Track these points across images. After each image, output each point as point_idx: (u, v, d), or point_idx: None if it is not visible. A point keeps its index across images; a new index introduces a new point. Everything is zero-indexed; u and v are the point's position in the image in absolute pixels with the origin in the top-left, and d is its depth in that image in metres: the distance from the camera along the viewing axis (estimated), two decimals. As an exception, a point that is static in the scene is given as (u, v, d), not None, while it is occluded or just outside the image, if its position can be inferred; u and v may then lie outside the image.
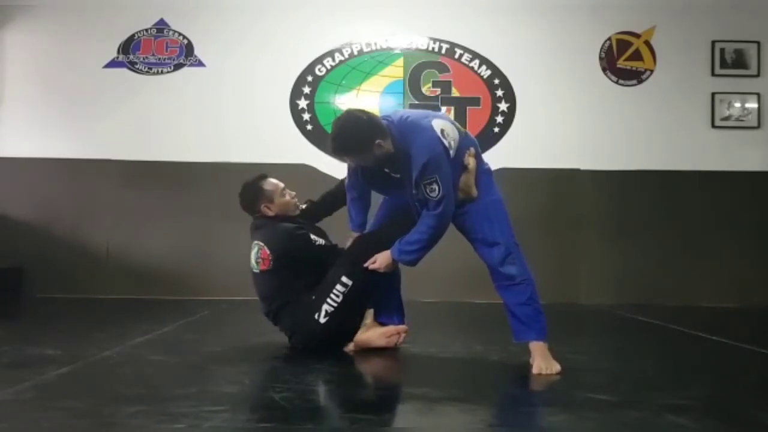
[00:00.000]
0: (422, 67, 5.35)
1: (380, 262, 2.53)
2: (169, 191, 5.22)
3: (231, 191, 4.89)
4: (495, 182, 2.55)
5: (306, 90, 5.32)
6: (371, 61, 5.35)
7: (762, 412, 1.85)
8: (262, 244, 2.67)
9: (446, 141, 2.35)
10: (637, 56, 5.36)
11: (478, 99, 5.34)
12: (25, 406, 1.78)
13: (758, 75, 5.30)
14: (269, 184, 2.81)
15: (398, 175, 2.46)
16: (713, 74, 5.31)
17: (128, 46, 5.32)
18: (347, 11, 5.36)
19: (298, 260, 2.65)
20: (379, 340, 2.69)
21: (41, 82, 5.30)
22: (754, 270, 5.15)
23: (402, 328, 2.73)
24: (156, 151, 5.23)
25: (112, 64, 5.31)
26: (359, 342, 2.70)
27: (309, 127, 5.30)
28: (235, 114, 5.27)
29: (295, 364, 2.48)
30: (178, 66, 5.33)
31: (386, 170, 2.48)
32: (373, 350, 2.67)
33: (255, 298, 2.78)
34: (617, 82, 5.35)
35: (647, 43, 5.36)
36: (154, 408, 1.73)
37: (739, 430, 1.70)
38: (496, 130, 5.31)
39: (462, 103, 5.33)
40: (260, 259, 2.68)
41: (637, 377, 2.34)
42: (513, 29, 5.36)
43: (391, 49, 5.36)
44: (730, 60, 5.32)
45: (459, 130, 2.47)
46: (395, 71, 5.35)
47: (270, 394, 1.96)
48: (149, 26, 5.35)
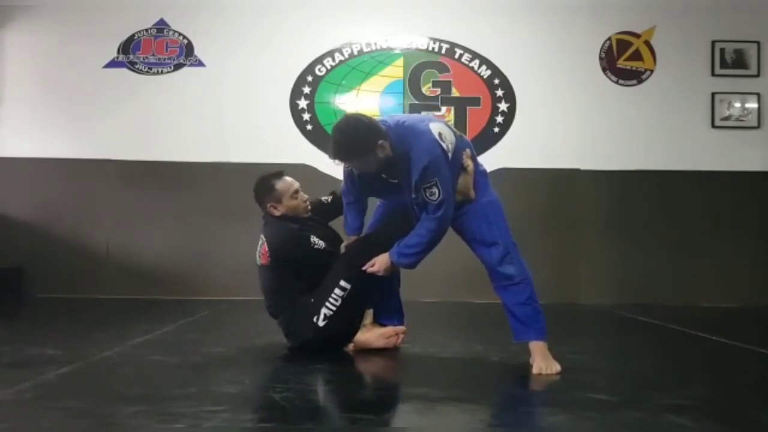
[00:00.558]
0: (422, 67, 5.35)
1: (379, 265, 2.51)
2: (169, 191, 5.22)
3: (231, 191, 4.99)
4: (490, 183, 2.55)
5: (306, 90, 5.32)
6: (371, 61, 5.35)
7: (762, 412, 1.85)
8: (264, 240, 2.71)
9: (444, 144, 2.35)
10: (637, 56, 5.36)
11: (478, 99, 5.33)
12: (25, 406, 1.78)
13: (758, 75, 5.30)
14: (282, 184, 2.75)
15: (396, 181, 2.45)
16: (713, 74, 5.31)
17: (128, 46, 5.32)
18: (347, 11, 5.36)
19: (296, 262, 2.65)
20: (379, 341, 2.69)
21: (41, 82, 5.30)
22: (755, 270, 5.15)
23: (401, 329, 2.74)
24: (156, 151, 5.23)
25: (112, 64, 5.31)
26: (359, 343, 2.70)
27: (309, 127, 5.30)
28: (235, 114, 5.27)
29: (295, 364, 2.48)
30: (178, 66, 5.33)
31: (383, 176, 2.47)
32: (373, 350, 2.67)
33: (255, 298, 2.79)
34: (617, 82, 5.35)
35: (647, 43, 5.36)
36: (154, 408, 1.73)
37: (739, 430, 1.70)
38: (496, 130, 5.31)
39: (462, 103, 5.33)
40: (261, 253, 2.71)
41: (637, 377, 2.34)
42: (513, 29, 5.36)
43: (391, 49, 5.36)
44: (730, 60, 5.32)
45: (455, 133, 2.48)
46: (395, 71, 5.35)
47: (270, 394, 1.96)
48: (149, 26, 5.35)
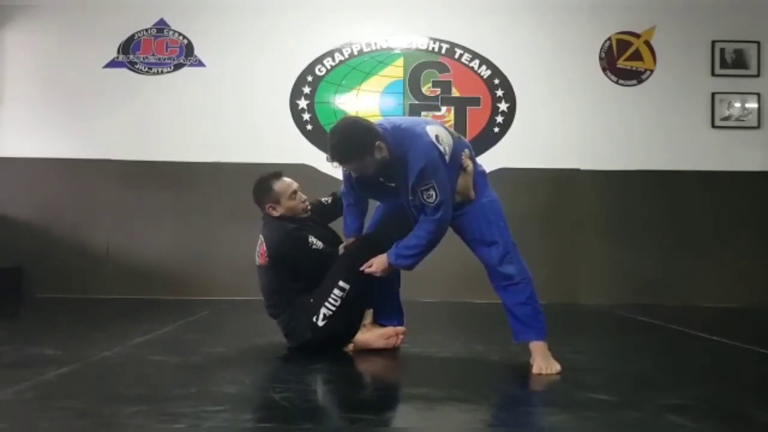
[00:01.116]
0: (422, 67, 5.35)
1: (377, 266, 2.51)
2: (169, 191, 5.21)
3: (231, 191, 4.99)
4: (489, 183, 2.55)
5: (306, 90, 5.32)
6: (371, 61, 5.35)
7: (762, 412, 1.85)
8: (262, 240, 2.72)
9: (441, 146, 2.35)
10: (637, 56, 5.36)
11: (478, 99, 5.33)
12: (25, 406, 1.78)
13: (758, 75, 5.30)
14: (280, 185, 2.75)
15: (393, 184, 2.45)
16: (713, 74, 5.31)
17: (128, 46, 5.32)
18: (347, 11, 5.36)
19: (294, 262, 2.65)
20: (378, 342, 2.69)
21: (41, 82, 5.30)
22: (754, 270, 5.14)
23: (401, 330, 2.74)
24: (156, 151, 5.23)
25: (112, 64, 5.31)
26: (359, 343, 2.70)
27: (309, 127, 5.30)
28: (235, 114, 5.27)
29: (295, 364, 2.48)
30: (178, 66, 5.33)
31: (381, 179, 2.47)
32: (373, 350, 2.67)
33: (255, 298, 2.79)
34: (617, 82, 5.35)
35: (647, 43, 5.36)
36: (154, 408, 1.73)
37: (739, 430, 1.70)
38: (496, 130, 5.31)
39: (462, 103, 5.33)
40: (259, 254, 2.72)
41: (637, 377, 2.34)
42: (513, 29, 5.36)
43: (391, 49, 5.36)
44: (730, 60, 5.32)
45: (452, 135, 2.48)
46: (395, 71, 5.35)
47: (270, 394, 1.96)
48: (149, 26, 5.35)
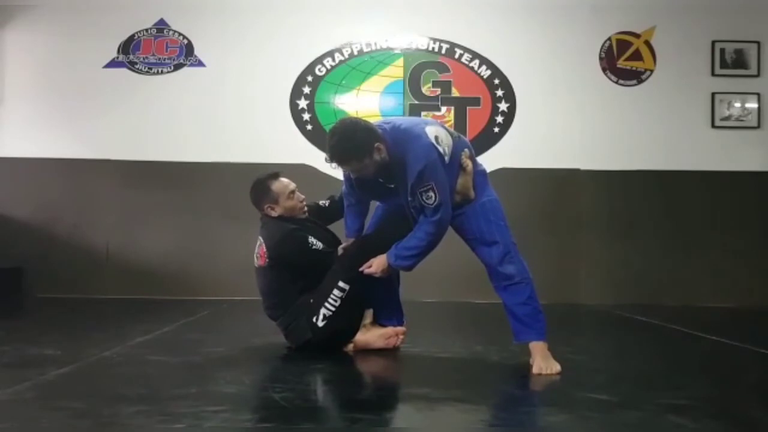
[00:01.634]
0: (422, 67, 5.35)
1: (376, 267, 2.51)
2: (169, 191, 5.21)
3: (231, 191, 4.99)
4: (489, 183, 2.55)
5: (306, 90, 5.32)
6: (371, 61, 5.35)
7: (762, 412, 1.85)
8: (262, 241, 2.72)
9: (441, 147, 2.35)
10: (637, 56, 5.35)
11: (478, 99, 5.33)
12: (25, 406, 1.78)
13: (758, 75, 5.30)
14: (278, 185, 2.76)
15: (392, 185, 2.45)
16: (713, 74, 5.31)
17: (128, 46, 5.32)
18: (347, 11, 5.35)
19: (294, 262, 2.65)
20: (378, 342, 2.70)
21: (41, 82, 5.30)
22: (755, 270, 5.14)
23: (401, 330, 2.74)
24: (156, 151, 5.23)
25: (112, 64, 5.31)
26: (359, 343, 2.70)
27: (309, 127, 5.30)
28: (235, 114, 5.27)
29: (295, 364, 2.48)
30: (178, 66, 5.33)
31: (380, 180, 2.47)
32: (373, 350, 2.67)
33: (255, 298, 2.78)
34: (617, 82, 5.35)
35: (647, 43, 5.36)
36: (154, 408, 1.73)
37: (739, 430, 1.70)
38: (496, 130, 5.31)
39: (462, 103, 5.33)
40: (258, 255, 2.72)
41: (637, 377, 2.34)
42: (513, 29, 5.36)
43: (391, 49, 5.36)
44: (730, 60, 5.31)
45: (452, 135, 2.47)
46: (395, 71, 5.35)
47: (270, 394, 1.96)
48: (149, 26, 5.34)
